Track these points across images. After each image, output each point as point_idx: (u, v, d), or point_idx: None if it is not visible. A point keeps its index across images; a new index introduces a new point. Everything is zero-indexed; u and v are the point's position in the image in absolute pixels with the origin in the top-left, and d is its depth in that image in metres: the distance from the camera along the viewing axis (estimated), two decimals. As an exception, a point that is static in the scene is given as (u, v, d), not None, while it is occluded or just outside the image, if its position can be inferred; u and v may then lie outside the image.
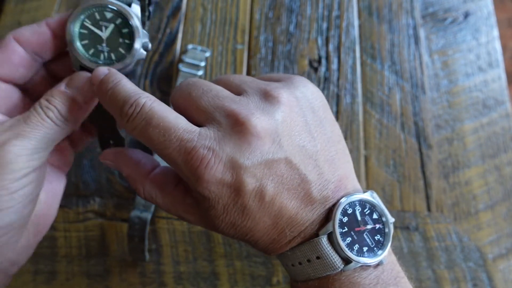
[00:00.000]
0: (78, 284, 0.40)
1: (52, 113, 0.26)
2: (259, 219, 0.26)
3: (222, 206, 0.25)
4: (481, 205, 0.44)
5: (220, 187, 0.25)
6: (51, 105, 0.26)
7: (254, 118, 0.25)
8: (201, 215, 0.27)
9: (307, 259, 0.26)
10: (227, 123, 0.25)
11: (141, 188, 0.28)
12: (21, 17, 0.52)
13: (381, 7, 0.53)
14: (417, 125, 0.47)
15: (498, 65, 0.50)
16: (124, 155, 0.29)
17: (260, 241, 0.27)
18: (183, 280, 0.40)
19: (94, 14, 0.27)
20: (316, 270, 0.26)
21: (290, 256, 0.27)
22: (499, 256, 0.42)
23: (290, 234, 0.26)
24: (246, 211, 0.25)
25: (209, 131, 0.25)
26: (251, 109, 0.26)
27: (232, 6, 0.52)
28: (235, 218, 0.26)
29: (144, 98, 0.25)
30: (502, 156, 0.46)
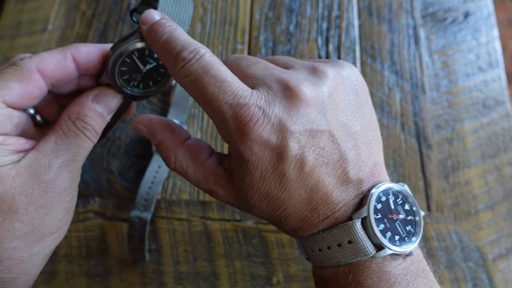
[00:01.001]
0: (78, 284, 0.40)
1: (90, 132, 0.27)
2: (295, 191, 0.25)
3: (260, 172, 0.25)
4: (481, 205, 0.44)
5: (263, 148, 0.24)
6: (87, 124, 0.27)
7: (304, 86, 0.25)
8: (233, 188, 0.27)
9: (338, 243, 0.25)
10: (277, 87, 0.25)
11: (172, 157, 0.28)
12: (21, 17, 0.52)
13: (381, 7, 0.53)
14: (417, 125, 0.47)
15: (498, 65, 0.50)
16: (160, 121, 0.29)
17: (291, 217, 0.26)
18: (183, 280, 0.40)
19: (145, 50, 0.27)
20: (346, 255, 0.25)
21: (319, 239, 0.26)
22: (499, 256, 0.42)
23: (323, 212, 0.25)
24: (284, 179, 0.25)
25: (261, 93, 0.25)
26: (301, 79, 0.26)
27: (232, 6, 0.52)
28: (271, 187, 0.25)
29: (204, 49, 0.25)
30: (502, 156, 0.46)
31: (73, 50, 0.26)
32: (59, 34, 0.51)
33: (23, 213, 0.23)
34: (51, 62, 0.25)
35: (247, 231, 0.42)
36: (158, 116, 0.29)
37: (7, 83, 0.24)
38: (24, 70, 0.25)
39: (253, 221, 0.42)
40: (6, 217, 0.23)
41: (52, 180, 0.25)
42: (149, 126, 0.29)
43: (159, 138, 0.28)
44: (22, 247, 0.24)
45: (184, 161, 0.28)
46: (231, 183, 0.27)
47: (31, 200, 0.24)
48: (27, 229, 0.24)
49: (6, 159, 0.23)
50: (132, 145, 0.45)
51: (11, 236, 0.23)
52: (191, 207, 0.43)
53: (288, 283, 0.40)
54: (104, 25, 0.51)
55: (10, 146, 0.24)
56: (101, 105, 0.27)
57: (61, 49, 0.26)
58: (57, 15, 0.52)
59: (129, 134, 0.46)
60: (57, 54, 0.26)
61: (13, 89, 0.24)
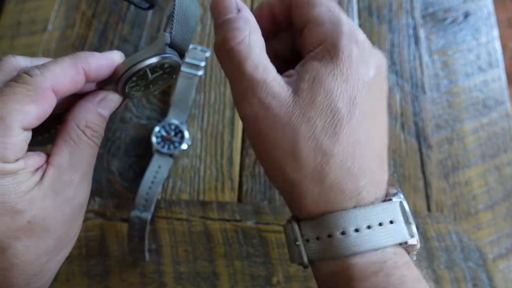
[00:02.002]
0: (78, 284, 0.40)
1: (98, 139, 0.27)
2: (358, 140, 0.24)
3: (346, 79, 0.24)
4: (481, 205, 0.44)
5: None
6: (95, 131, 0.26)
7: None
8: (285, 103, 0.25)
9: (380, 222, 0.23)
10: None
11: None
12: (21, 16, 0.52)
13: (381, 7, 0.53)
14: (417, 125, 0.47)
15: (498, 65, 0.50)
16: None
17: (331, 175, 0.23)
18: (183, 280, 0.40)
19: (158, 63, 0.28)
20: (387, 236, 0.23)
21: (360, 215, 0.23)
22: (499, 256, 0.42)
23: (370, 185, 0.24)
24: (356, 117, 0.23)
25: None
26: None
27: (232, 6, 0.52)
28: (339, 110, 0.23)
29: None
30: (502, 156, 0.46)
31: (84, 64, 0.25)
32: (59, 34, 0.51)
33: (54, 230, 0.24)
34: (64, 79, 0.24)
35: (247, 231, 0.42)
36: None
37: (22, 106, 0.22)
38: (39, 90, 0.23)
39: (253, 221, 0.42)
40: (41, 237, 0.24)
41: (75, 195, 0.25)
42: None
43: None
44: (51, 259, 0.25)
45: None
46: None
47: (59, 217, 0.24)
48: (55, 243, 0.24)
49: (30, 182, 0.23)
50: (132, 145, 0.45)
51: (45, 253, 0.24)
52: (191, 207, 0.43)
53: (288, 283, 0.40)
54: (104, 25, 0.51)
55: (30, 168, 0.23)
56: (106, 110, 0.27)
57: (72, 63, 0.25)
58: (57, 15, 0.52)
59: (129, 134, 0.46)
60: (70, 69, 0.24)
61: (29, 113, 0.23)
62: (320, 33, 0.25)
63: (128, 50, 0.50)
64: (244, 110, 0.25)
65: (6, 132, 0.22)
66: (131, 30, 0.51)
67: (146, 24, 0.51)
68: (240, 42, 0.24)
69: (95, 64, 0.25)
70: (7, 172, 0.22)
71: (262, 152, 0.25)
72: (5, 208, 0.22)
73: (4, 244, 0.22)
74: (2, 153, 0.22)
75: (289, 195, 0.25)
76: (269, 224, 0.42)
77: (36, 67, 0.24)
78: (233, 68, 0.25)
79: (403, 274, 0.23)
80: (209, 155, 0.45)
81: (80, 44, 0.50)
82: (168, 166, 0.43)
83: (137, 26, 0.51)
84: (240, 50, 0.24)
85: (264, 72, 0.24)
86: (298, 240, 0.24)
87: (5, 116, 0.22)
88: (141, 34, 0.50)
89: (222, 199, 0.43)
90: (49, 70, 0.24)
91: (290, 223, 0.25)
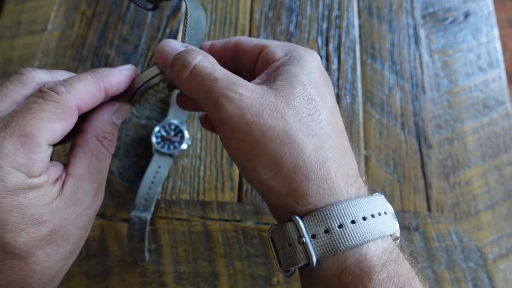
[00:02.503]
0: (78, 284, 0.40)
1: (113, 148, 0.28)
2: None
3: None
4: (481, 205, 0.44)
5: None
6: (110, 141, 0.27)
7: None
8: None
9: (379, 212, 0.24)
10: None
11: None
12: (20, 16, 0.52)
13: (381, 7, 0.53)
14: (417, 125, 0.47)
15: (499, 65, 0.50)
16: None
17: (328, 163, 0.25)
18: (183, 281, 0.40)
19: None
20: (387, 225, 0.24)
21: (364, 204, 0.24)
22: (500, 256, 0.42)
23: (352, 178, 0.25)
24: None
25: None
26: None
27: (232, 6, 0.52)
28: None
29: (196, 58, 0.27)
30: (502, 156, 0.46)
31: (106, 82, 0.26)
32: (59, 34, 0.51)
33: (72, 237, 0.25)
34: (88, 98, 0.25)
35: (247, 231, 0.42)
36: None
37: (51, 124, 0.23)
38: (67, 108, 0.24)
39: (253, 221, 0.42)
40: (60, 245, 0.25)
41: (91, 203, 0.26)
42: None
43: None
44: (66, 263, 0.26)
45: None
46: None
47: (77, 225, 0.25)
48: (72, 248, 0.26)
49: (53, 193, 0.24)
50: (132, 145, 0.45)
51: (62, 259, 0.25)
52: (191, 207, 0.43)
53: (288, 283, 0.40)
54: (104, 25, 0.51)
55: (52, 179, 0.24)
56: (120, 119, 0.28)
57: (95, 81, 0.26)
58: (57, 15, 0.52)
59: (129, 134, 0.46)
60: (92, 87, 0.25)
61: (56, 130, 0.23)
62: (278, 49, 0.28)
63: (128, 50, 0.50)
64: (226, 112, 0.24)
65: (35, 149, 0.22)
66: (131, 30, 0.51)
67: (146, 24, 0.51)
68: (201, 60, 0.26)
69: (115, 82, 0.27)
70: (33, 186, 0.23)
71: (253, 151, 0.24)
72: (32, 220, 0.23)
73: (28, 253, 0.23)
74: (31, 168, 0.22)
75: (286, 192, 0.24)
76: (269, 224, 0.42)
77: (61, 83, 0.25)
78: (202, 82, 0.25)
79: (406, 261, 0.24)
80: (209, 155, 0.45)
81: (80, 44, 0.50)
82: (168, 166, 0.43)
83: (137, 26, 0.51)
84: (204, 65, 0.26)
85: (234, 76, 0.26)
86: (304, 236, 0.23)
87: (35, 134, 0.22)
88: (141, 34, 0.50)
89: (222, 199, 0.43)
90: (74, 88, 0.25)
91: (289, 223, 0.24)
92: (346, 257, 0.23)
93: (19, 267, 0.23)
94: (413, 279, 0.23)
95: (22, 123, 0.22)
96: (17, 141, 0.22)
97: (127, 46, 0.50)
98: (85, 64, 0.49)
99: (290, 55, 0.28)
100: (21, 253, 0.23)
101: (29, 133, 0.22)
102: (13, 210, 0.22)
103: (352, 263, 0.23)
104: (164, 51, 0.27)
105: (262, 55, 0.29)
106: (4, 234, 0.22)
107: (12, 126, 0.22)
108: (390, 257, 0.23)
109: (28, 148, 0.22)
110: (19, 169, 0.22)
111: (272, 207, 0.28)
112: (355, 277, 0.22)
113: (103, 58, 0.49)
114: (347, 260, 0.23)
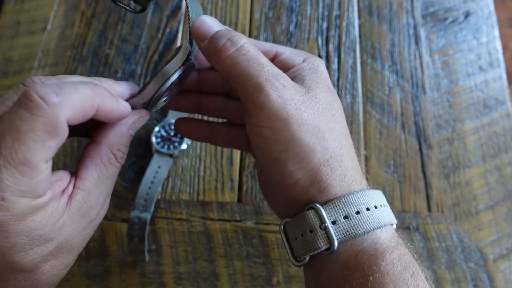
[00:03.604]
0: (78, 284, 0.40)
1: (123, 160, 0.27)
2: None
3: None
4: (481, 205, 0.44)
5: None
6: (124, 153, 0.27)
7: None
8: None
9: (381, 204, 0.27)
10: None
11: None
12: (20, 16, 0.52)
13: (381, 7, 0.53)
14: (417, 125, 0.47)
15: (499, 65, 0.50)
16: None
17: (346, 159, 0.27)
18: (183, 281, 0.40)
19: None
20: (391, 215, 0.27)
21: (373, 195, 0.27)
22: (500, 256, 0.42)
23: (359, 173, 0.28)
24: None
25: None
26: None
27: (232, 6, 0.52)
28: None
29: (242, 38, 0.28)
30: (503, 156, 0.46)
31: (101, 103, 0.24)
32: (59, 34, 0.51)
33: (77, 248, 0.26)
34: (80, 112, 0.23)
35: (247, 231, 0.42)
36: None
37: (44, 144, 0.21)
38: (58, 124, 0.21)
39: (253, 221, 0.42)
40: (65, 256, 0.25)
41: (98, 215, 0.26)
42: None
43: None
44: (67, 269, 0.27)
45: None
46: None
47: (82, 236, 0.26)
48: (75, 257, 0.26)
49: (59, 210, 0.24)
50: (132, 145, 0.45)
51: (66, 267, 0.26)
52: (191, 207, 0.42)
53: (288, 283, 0.40)
54: (104, 24, 0.51)
55: (57, 194, 0.24)
56: (135, 129, 0.28)
57: (92, 96, 0.23)
58: (57, 15, 0.52)
59: (129, 134, 0.45)
60: (87, 103, 0.23)
61: (51, 148, 0.22)
62: (295, 56, 0.30)
63: (128, 50, 0.49)
64: (269, 98, 0.25)
65: (35, 173, 0.21)
66: (131, 30, 0.51)
67: (146, 24, 0.51)
68: (247, 42, 0.27)
69: (107, 108, 0.24)
70: (40, 207, 0.22)
71: (287, 142, 0.26)
72: (40, 240, 0.23)
73: (34, 267, 0.23)
74: (35, 191, 0.22)
75: (310, 183, 0.26)
76: (269, 224, 0.42)
77: (53, 90, 0.22)
78: (249, 63, 0.26)
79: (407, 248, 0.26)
80: (209, 155, 0.45)
81: (80, 44, 0.50)
82: (168, 166, 0.43)
83: (137, 26, 0.51)
84: (251, 47, 0.27)
85: (276, 67, 0.27)
86: (325, 222, 0.25)
87: (31, 160, 0.21)
88: (141, 34, 0.50)
89: (222, 199, 0.43)
90: (68, 100, 0.22)
91: (309, 211, 0.26)
92: (363, 240, 0.25)
93: (25, 278, 0.23)
94: (415, 262, 0.25)
95: (14, 150, 0.21)
96: (15, 171, 0.21)
97: (127, 46, 0.50)
98: (85, 64, 0.49)
99: (308, 62, 0.29)
100: (27, 268, 0.23)
101: (25, 160, 0.21)
102: (22, 234, 0.22)
103: (368, 245, 0.25)
104: (205, 24, 0.28)
105: (279, 60, 0.30)
106: (13, 255, 0.22)
107: (5, 154, 0.21)
108: (398, 241, 0.26)
109: (28, 175, 0.21)
110: (24, 195, 0.21)
111: (285, 203, 0.28)
112: (370, 257, 0.24)
113: (103, 58, 0.49)
114: (363, 242, 0.25)
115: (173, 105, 0.33)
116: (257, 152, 0.28)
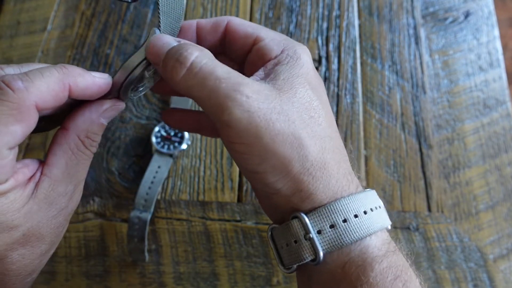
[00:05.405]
0: (78, 284, 0.40)
1: (94, 148, 0.26)
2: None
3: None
4: (481, 205, 0.44)
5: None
6: (93, 141, 0.26)
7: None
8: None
9: (375, 206, 0.25)
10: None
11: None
12: (20, 16, 0.52)
13: (381, 7, 0.52)
14: (417, 125, 0.47)
15: (499, 65, 0.50)
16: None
17: (332, 164, 0.26)
18: (183, 281, 0.40)
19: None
20: (384, 218, 0.25)
21: (363, 198, 0.25)
22: (500, 256, 0.42)
23: (352, 176, 0.26)
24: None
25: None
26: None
27: (232, 6, 0.52)
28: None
29: (193, 54, 0.25)
30: (503, 156, 0.46)
31: (72, 82, 0.24)
32: (59, 34, 0.51)
33: (47, 237, 0.25)
34: (49, 96, 0.23)
35: (247, 231, 0.42)
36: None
37: (7, 128, 0.21)
38: (24, 108, 0.22)
39: (253, 221, 0.42)
40: (35, 245, 0.24)
41: (68, 204, 0.26)
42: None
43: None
44: (43, 260, 0.26)
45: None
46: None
47: (52, 225, 0.25)
48: (48, 247, 0.25)
49: (24, 197, 0.23)
50: (131, 145, 0.45)
51: (38, 257, 0.25)
52: (191, 207, 0.42)
53: (288, 283, 0.40)
54: (104, 24, 0.51)
55: (21, 183, 0.23)
56: (108, 118, 0.27)
57: (60, 79, 0.23)
58: (57, 15, 0.52)
59: (129, 134, 0.45)
60: (56, 85, 0.23)
61: (16, 133, 0.22)
62: (274, 45, 0.27)
63: (128, 50, 0.49)
64: (233, 115, 0.23)
65: None
66: (131, 29, 0.51)
67: (146, 23, 0.51)
68: (199, 56, 0.24)
69: (82, 85, 0.24)
70: (0, 193, 0.22)
71: (262, 156, 0.24)
72: (2, 227, 0.22)
73: (1, 256, 0.23)
74: None
75: (292, 193, 0.24)
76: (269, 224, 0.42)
77: (19, 77, 0.22)
78: (203, 81, 0.23)
79: (401, 252, 0.25)
80: (209, 155, 0.45)
81: (80, 44, 0.50)
82: (167, 166, 0.43)
83: (137, 25, 0.51)
84: (203, 61, 0.24)
85: (238, 75, 0.24)
86: (310, 232, 0.24)
87: None
88: (140, 34, 0.50)
89: (222, 199, 0.43)
90: (34, 84, 0.22)
91: (294, 220, 0.25)
92: (350, 250, 0.24)
93: None
94: (408, 269, 0.24)
95: None
96: None
97: (127, 46, 0.50)
98: (85, 64, 0.49)
99: (287, 53, 0.27)
100: None
101: None
102: None
103: (356, 255, 0.24)
104: (156, 45, 0.25)
105: (257, 49, 0.28)
106: None
107: None
108: (389, 248, 0.24)
109: None
110: None
111: (271, 208, 0.27)
112: (357, 268, 0.23)
113: (103, 58, 0.49)
114: (351, 252, 0.24)
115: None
116: (236, 164, 0.27)
